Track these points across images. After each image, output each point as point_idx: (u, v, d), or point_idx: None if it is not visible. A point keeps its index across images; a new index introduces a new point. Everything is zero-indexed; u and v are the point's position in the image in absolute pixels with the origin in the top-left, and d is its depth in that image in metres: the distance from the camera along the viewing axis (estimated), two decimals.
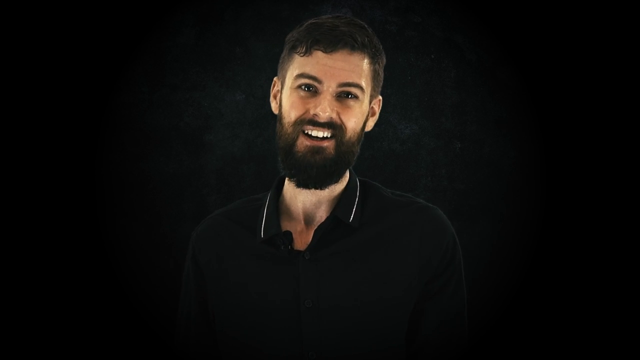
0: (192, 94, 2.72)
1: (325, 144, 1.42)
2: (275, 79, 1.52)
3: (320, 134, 1.42)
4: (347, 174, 1.52)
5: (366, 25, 1.47)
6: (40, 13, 2.60)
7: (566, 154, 2.65)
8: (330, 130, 1.42)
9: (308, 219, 1.50)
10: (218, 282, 1.51)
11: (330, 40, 1.41)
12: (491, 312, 2.64)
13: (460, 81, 2.72)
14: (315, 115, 1.41)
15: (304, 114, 1.42)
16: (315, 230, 1.46)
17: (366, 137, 1.52)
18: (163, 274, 2.69)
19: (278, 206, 1.52)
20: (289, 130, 1.43)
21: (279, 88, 1.50)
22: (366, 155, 2.68)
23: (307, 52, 1.42)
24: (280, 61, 1.50)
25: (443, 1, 2.70)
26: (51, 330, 2.61)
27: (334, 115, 1.41)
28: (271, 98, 1.53)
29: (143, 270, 2.68)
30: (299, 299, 1.43)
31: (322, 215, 1.49)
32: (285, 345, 1.43)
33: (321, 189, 1.46)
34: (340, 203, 1.48)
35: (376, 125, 1.55)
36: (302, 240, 1.48)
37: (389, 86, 2.71)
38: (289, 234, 1.47)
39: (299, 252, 1.47)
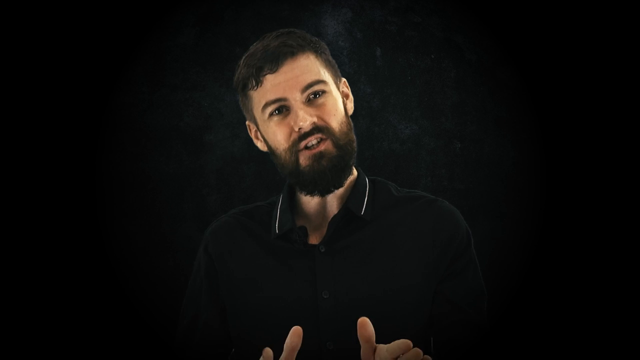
0: (192, 94, 2.72)
1: (323, 147, 1.45)
2: (247, 123, 1.57)
3: (313, 141, 1.45)
4: (355, 171, 1.56)
5: (294, 29, 1.50)
6: (41, 13, 2.60)
7: (566, 154, 2.65)
8: (320, 135, 1.44)
9: (321, 215, 1.53)
10: (231, 277, 1.53)
11: (270, 60, 1.44)
12: (491, 311, 2.64)
13: (460, 81, 2.72)
14: (300, 129, 1.43)
15: (290, 135, 1.45)
16: (329, 223, 1.49)
17: (366, 137, 1.53)
18: (163, 274, 2.69)
19: (291, 204, 1.55)
20: (287, 155, 1.47)
21: (256, 128, 1.55)
22: (366, 155, 2.68)
23: (258, 83, 1.46)
24: (241, 106, 1.56)
25: (443, 1, 2.70)
26: (51, 330, 2.61)
27: (316, 119, 1.44)
28: (254, 140, 1.58)
29: (143, 270, 2.68)
30: (316, 291, 1.45)
31: (334, 210, 1.53)
32: (303, 338, 1.44)
33: (342, 187, 1.49)
34: (351, 197, 1.52)
35: (376, 125, 1.57)
36: (316, 235, 1.52)
37: (389, 86, 2.71)
38: (303, 229, 1.51)
39: (313, 245, 1.49)
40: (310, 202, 1.52)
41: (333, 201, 1.52)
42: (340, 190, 1.51)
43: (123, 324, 2.64)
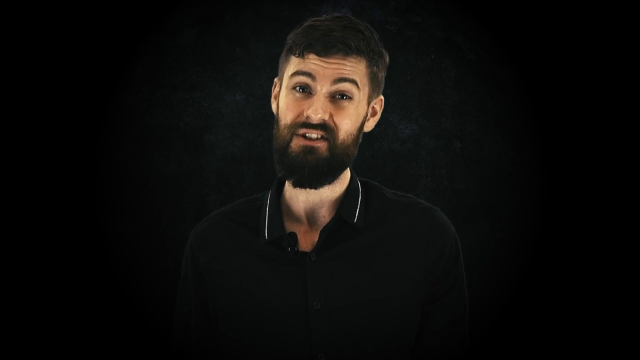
0: (192, 94, 2.72)
1: (318, 144, 1.42)
2: (275, 79, 1.52)
3: (313, 135, 1.42)
4: (348, 175, 1.52)
5: (364, 28, 1.46)
6: (41, 13, 2.60)
7: (566, 154, 2.65)
8: (322, 132, 1.41)
9: (310, 220, 1.50)
10: (220, 283, 1.50)
11: (323, 46, 1.41)
12: (491, 312, 2.64)
13: (460, 81, 2.72)
14: (308, 117, 1.41)
15: (298, 116, 1.42)
16: (321, 231, 1.46)
17: (366, 137, 1.51)
18: (163, 274, 2.69)
19: (280, 207, 1.52)
20: (284, 132, 1.44)
21: (279, 89, 1.50)
22: (366, 155, 2.68)
23: (301, 56, 1.43)
24: (280, 61, 1.51)
25: (443, 1, 2.70)
26: (51, 330, 2.61)
27: (327, 117, 1.41)
28: (272, 99, 1.53)
29: (143, 270, 2.68)
30: (307, 300, 1.43)
31: (324, 215, 1.49)
32: (294, 347, 1.43)
33: (316, 189, 1.46)
34: (344, 204, 1.49)
35: (376, 125, 1.55)
36: (306, 241, 1.49)
37: (389, 86, 2.70)
38: (294, 236, 1.47)
39: (304, 253, 1.46)
40: (299, 204, 1.49)
41: (323, 205, 1.49)
42: (331, 195, 1.49)
43: (123, 323, 2.64)
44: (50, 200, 2.62)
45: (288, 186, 1.50)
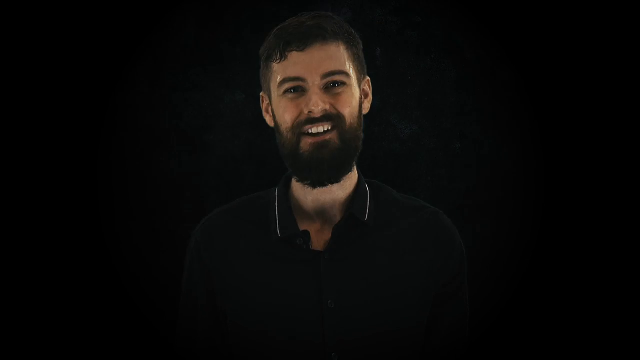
0: (192, 94, 2.72)
1: (328, 136, 1.42)
2: (261, 94, 1.53)
3: (320, 129, 1.41)
4: (356, 174, 1.52)
5: (332, 15, 1.48)
6: (41, 13, 2.60)
7: (566, 154, 2.65)
8: (329, 123, 1.41)
9: (322, 218, 1.49)
10: (230, 281, 1.49)
11: (300, 38, 1.42)
12: (491, 312, 2.64)
13: (460, 81, 2.72)
14: (310, 112, 1.40)
15: (298, 116, 1.42)
16: (334, 230, 1.46)
17: (366, 137, 1.52)
18: (163, 274, 2.69)
19: (290, 205, 1.51)
20: (289, 136, 1.43)
21: (268, 101, 1.50)
22: (366, 155, 2.67)
23: (282, 57, 1.43)
24: (261, 75, 1.52)
25: (443, 1, 2.70)
26: (51, 330, 2.60)
27: (328, 107, 1.41)
28: (264, 113, 1.55)
29: (143, 270, 2.68)
30: (322, 299, 1.43)
31: (335, 214, 1.49)
32: (307, 347, 1.43)
33: (337, 182, 1.45)
34: (355, 201, 1.48)
35: (376, 125, 1.57)
36: (318, 239, 1.48)
37: (389, 86, 2.71)
38: (307, 234, 1.47)
39: (318, 252, 1.46)
40: (308, 203, 1.49)
41: (333, 203, 1.48)
42: (342, 194, 1.48)
43: (124, 323, 2.64)
44: (50, 200, 2.62)
45: (298, 186, 1.50)
